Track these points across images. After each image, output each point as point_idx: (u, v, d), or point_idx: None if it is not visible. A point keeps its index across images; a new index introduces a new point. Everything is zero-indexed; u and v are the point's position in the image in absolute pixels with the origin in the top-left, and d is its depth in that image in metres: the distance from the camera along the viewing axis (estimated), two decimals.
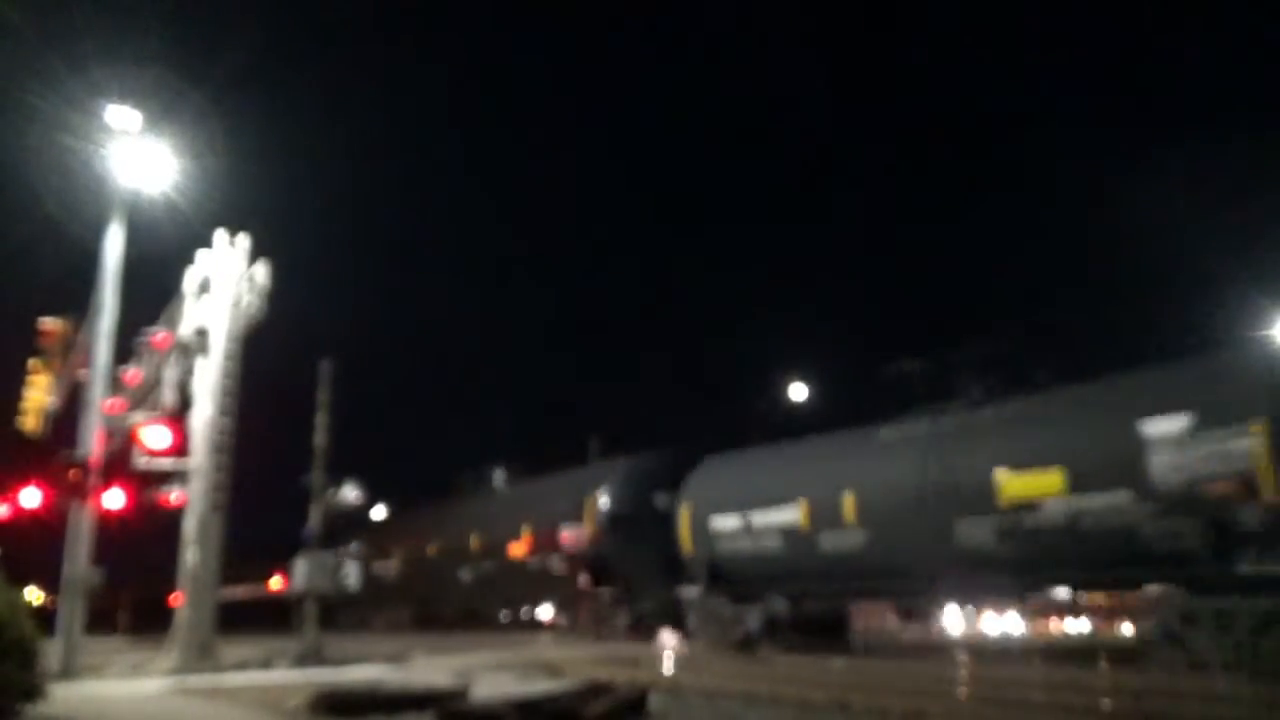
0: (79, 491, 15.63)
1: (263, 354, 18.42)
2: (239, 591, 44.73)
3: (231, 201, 18.97)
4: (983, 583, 16.36)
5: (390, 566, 36.43)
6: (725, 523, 20.43)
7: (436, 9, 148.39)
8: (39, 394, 19.05)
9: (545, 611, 30.90)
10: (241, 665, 16.41)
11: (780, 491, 19.41)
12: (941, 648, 21.89)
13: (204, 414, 16.94)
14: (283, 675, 15.18)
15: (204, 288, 17.51)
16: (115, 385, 17.68)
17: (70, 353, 18.70)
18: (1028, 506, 15.02)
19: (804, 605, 19.81)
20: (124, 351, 18.28)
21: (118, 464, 16.62)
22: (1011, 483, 15.30)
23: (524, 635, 27.37)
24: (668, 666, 16.27)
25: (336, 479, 19.52)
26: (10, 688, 7.87)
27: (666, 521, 22.37)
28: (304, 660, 17.04)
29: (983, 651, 20.73)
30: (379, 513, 44.65)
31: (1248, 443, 12.55)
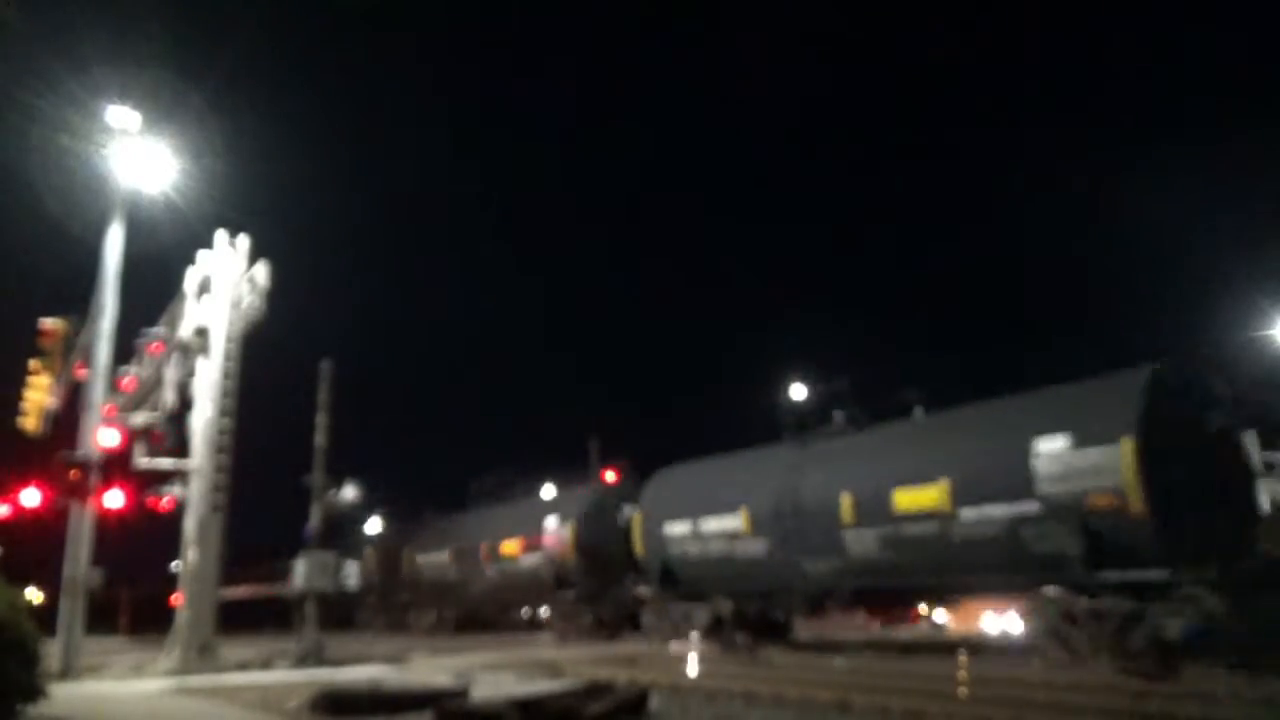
0: (79, 491, 15.63)
1: (263, 354, 18.44)
2: (239, 591, 44.78)
3: (231, 202, 18.96)
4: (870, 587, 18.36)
5: (426, 568, 36.21)
6: (675, 529, 22.07)
7: (436, 9, 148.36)
8: (39, 394, 19.05)
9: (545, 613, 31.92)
10: (242, 665, 16.42)
11: (724, 500, 21.14)
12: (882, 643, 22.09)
13: (204, 414, 16.93)
14: (283, 675, 15.18)
15: (204, 288, 17.50)
16: (115, 386, 17.69)
17: (71, 353, 18.71)
18: (919, 517, 16.54)
19: (747, 605, 21.21)
20: (124, 351, 18.29)
21: (118, 464, 16.62)
22: (903, 496, 16.86)
23: (526, 635, 28.67)
24: (667, 666, 16.26)
25: (337, 479, 19.55)
26: (10, 688, 7.86)
27: (628, 533, 24.26)
28: (304, 660, 17.05)
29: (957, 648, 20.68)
30: (379, 512, 44.72)
31: (1118, 460, 13.99)
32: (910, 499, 16.76)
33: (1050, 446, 14.85)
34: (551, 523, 27.27)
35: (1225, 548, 13.99)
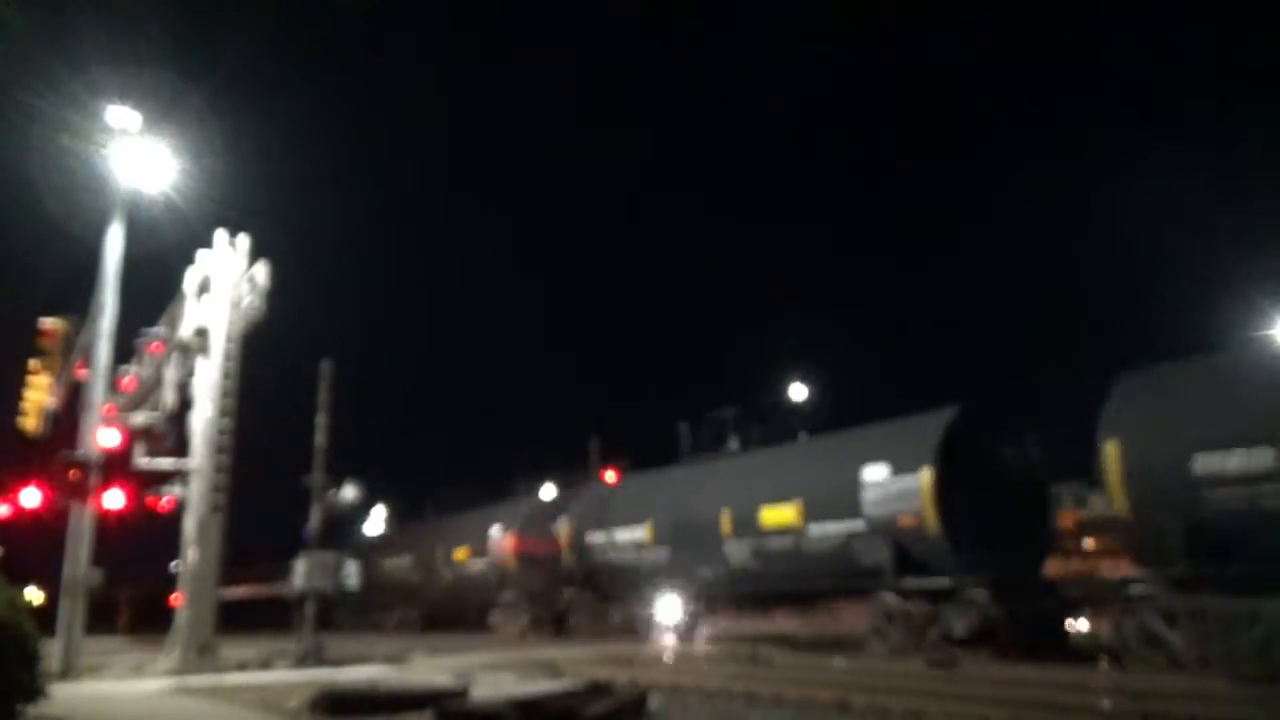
0: (79, 491, 15.62)
1: (263, 354, 18.43)
2: (239, 591, 44.79)
3: (231, 202, 18.97)
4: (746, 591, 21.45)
5: (393, 572, 37.93)
6: (595, 538, 25.85)
7: (436, 9, 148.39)
8: (39, 394, 19.05)
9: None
10: (242, 665, 16.42)
11: (633, 514, 24.70)
12: None
13: (204, 414, 16.93)
14: (283, 675, 15.19)
15: (204, 288, 17.49)
16: (115, 386, 17.68)
17: (70, 353, 18.71)
18: (780, 531, 19.59)
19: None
20: (124, 351, 18.28)
21: (118, 464, 16.61)
22: (768, 512, 19.92)
23: (479, 634, 30.21)
24: (668, 666, 16.27)
25: (337, 479, 19.52)
26: (11, 688, 7.86)
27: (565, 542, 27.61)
28: (304, 660, 17.05)
29: None
30: (379, 512, 44.88)
31: (919, 486, 16.87)
32: (773, 515, 19.82)
33: (873, 474, 17.75)
34: (495, 531, 30.30)
35: (1016, 562, 16.76)
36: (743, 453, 24.73)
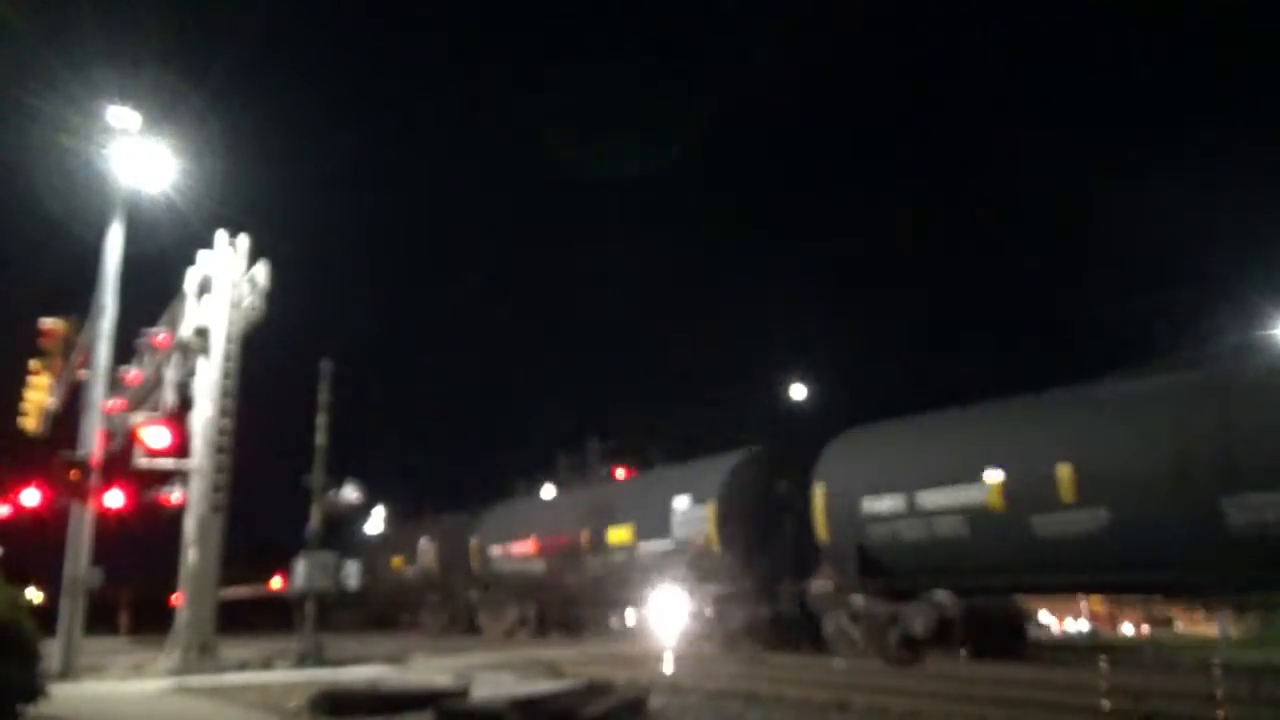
0: (79, 492, 15.62)
1: (263, 354, 18.43)
2: (240, 591, 44.79)
3: (232, 202, 18.98)
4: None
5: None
6: (495, 550, 30.49)
7: (437, 9, 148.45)
8: (40, 394, 19.03)
9: None
10: (242, 665, 16.41)
11: (519, 531, 29.49)
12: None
13: (204, 414, 16.92)
14: (283, 675, 15.18)
15: (204, 288, 17.48)
16: (116, 385, 17.68)
17: (71, 353, 18.69)
18: (620, 548, 24.35)
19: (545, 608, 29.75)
20: (125, 351, 18.28)
21: (118, 464, 16.61)
22: (613, 533, 24.63)
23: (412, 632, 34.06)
24: (668, 666, 16.27)
25: (338, 479, 19.50)
26: (11, 688, 7.85)
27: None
28: (304, 660, 17.04)
29: None
30: (379, 512, 44.86)
31: (707, 515, 21.71)
32: (616, 536, 24.58)
33: (680, 504, 22.52)
34: (423, 543, 35.03)
35: (785, 573, 20.42)
36: (600, 483, 29.76)
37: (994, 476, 15.52)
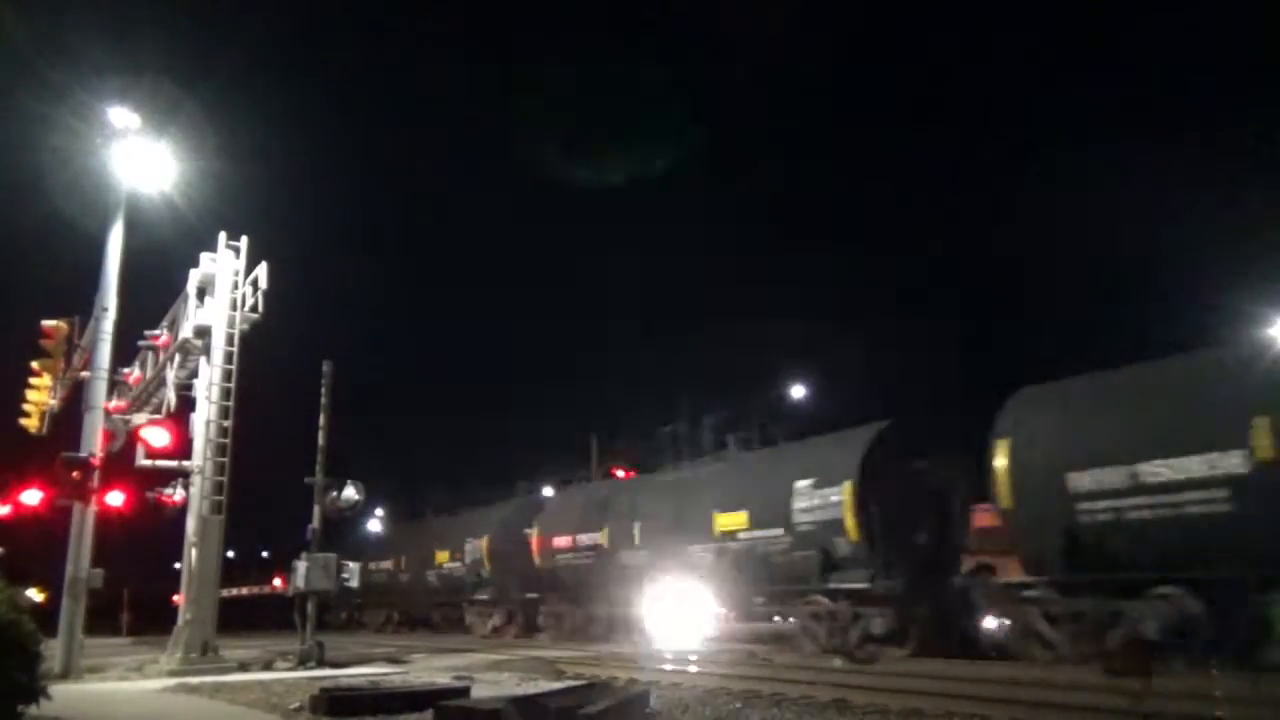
0: (81, 492, 15.64)
1: (263, 354, 18.44)
2: (241, 591, 44.83)
3: (232, 202, 19.03)
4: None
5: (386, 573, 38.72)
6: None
7: (437, 9, 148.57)
8: (41, 394, 19.07)
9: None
10: (243, 666, 16.43)
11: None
12: None
13: (205, 414, 16.95)
14: (284, 675, 15.20)
15: (206, 289, 17.51)
16: (117, 386, 17.72)
17: (72, 353, 18.73)
18: (730, 535, 20.84)
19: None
20: (126, 352, 18.32)
21: (119, 464, 16.64)
22: (720, 519, 21.14)
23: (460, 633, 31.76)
24: (668, 666, 16.29)
25: (339, 479, 19.48)
26: (11, 688, 7.86)
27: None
28: (305, 660, 17.06)
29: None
30: (379, 513, 44.87)
31: (841, 498, 18.11)
32: (726, 522, 21.04)
33: (803, 486, 19.13)
34: (469, 540, 32.20)
35: (925, 565, 17.98)
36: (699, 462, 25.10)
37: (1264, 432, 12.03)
